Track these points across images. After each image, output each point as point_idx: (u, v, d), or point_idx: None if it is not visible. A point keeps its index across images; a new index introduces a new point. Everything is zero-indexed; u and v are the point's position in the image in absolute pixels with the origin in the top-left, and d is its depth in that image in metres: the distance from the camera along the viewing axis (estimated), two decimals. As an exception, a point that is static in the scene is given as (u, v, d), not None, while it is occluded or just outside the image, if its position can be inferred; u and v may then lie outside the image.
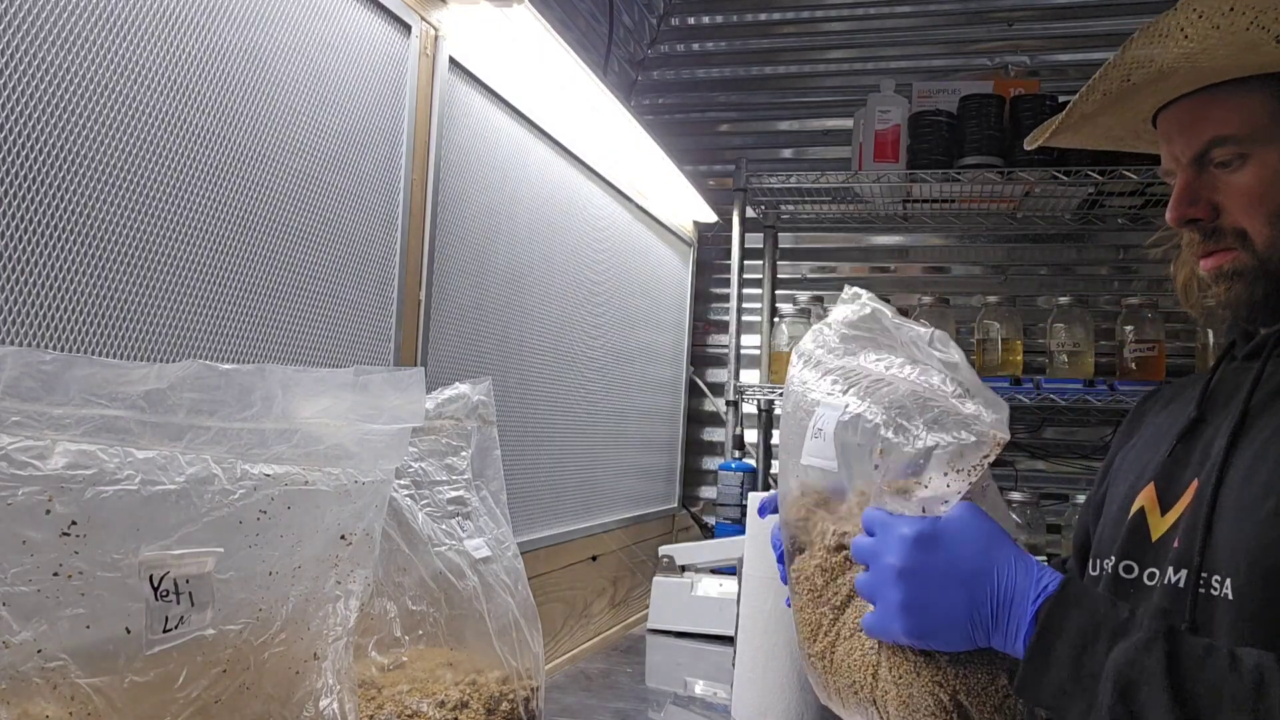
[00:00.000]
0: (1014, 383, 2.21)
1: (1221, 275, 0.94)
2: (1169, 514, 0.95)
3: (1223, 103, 0.93)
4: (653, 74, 2.81)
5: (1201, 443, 0.96)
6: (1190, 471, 0.95)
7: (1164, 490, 0.97)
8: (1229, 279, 0.94)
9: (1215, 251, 0.95)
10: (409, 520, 1.03)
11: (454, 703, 0.96)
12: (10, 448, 0.57)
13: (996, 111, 2.23)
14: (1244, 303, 0.94)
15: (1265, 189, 0.91)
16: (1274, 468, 0.86)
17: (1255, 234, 0.92)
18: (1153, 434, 1.06)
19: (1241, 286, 0.93)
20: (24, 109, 0.79)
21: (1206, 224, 0.95)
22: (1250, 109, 0.91)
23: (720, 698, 1.58)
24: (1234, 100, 0.92)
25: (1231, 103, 0.92)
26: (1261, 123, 0.91)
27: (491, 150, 1.54)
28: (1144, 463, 1.03)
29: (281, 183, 1.09)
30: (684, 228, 2.57)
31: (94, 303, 0.86)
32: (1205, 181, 0.95)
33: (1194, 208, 0.95)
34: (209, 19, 0.98)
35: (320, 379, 0.73)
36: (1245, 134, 0.91)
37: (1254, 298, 0.93)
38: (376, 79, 1.25)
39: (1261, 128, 0.91)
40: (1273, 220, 0.91)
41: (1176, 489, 0.96)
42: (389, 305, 1.28)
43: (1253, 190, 0.91)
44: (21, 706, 0.57)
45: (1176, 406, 1.06)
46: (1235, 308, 0.95)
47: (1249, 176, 0.92)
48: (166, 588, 0.63)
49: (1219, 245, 0.94)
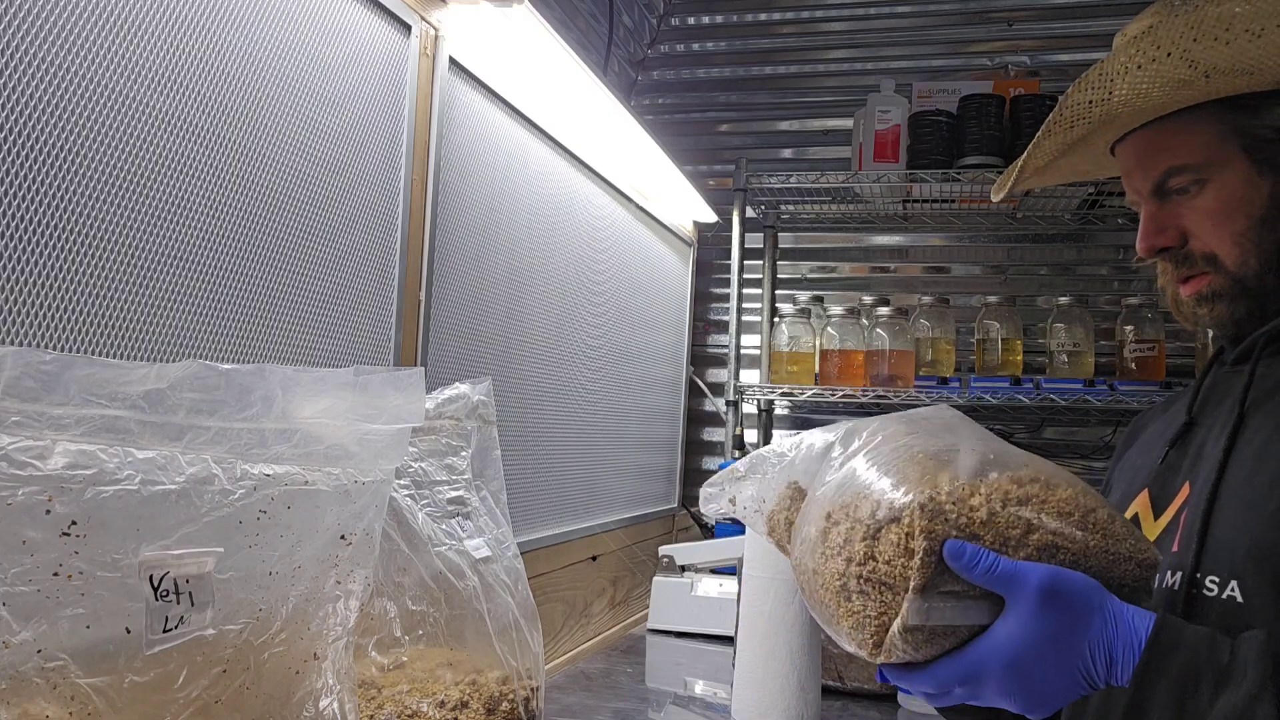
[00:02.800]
0: (1014, 383, 2.21)
1: (1202, 299, 0.95)
2: (1161, 518, 0.95)
3: (1172, 133, 0.93)
4: (653, 74, 2.81)
5: (1193, 447, 0.96)
6: (1182, 475, 0.95)
7: (1157, 496, 0.97)
8: (1209, 301, 0.94)
9: (1191, 277, 0.95)
10: (409, 520, 1.03)
11: (454, 703, 0.96)
12: (10, 448, 0.56)
13: (996, 111, 2.23)
14: (1229, 321, 0.94)
15: (1227, 210, 0.91)
16: (1277, 467, 0.85)
17: (1225, 255, 0.92)
18: (1146, 442, 1.07)
19: (1223, 307, 0.94)
20: (24, 109, 0.79)
21: (1177, 251, 0.95)
22: (1199, 136, 0.92)
23: (720, 698, 1.58)
24: (1183, 130, 0.93)
25: (1181, 133, 0.93)
26: (1212, 148, 0.91)
27: (491, 150, 1.54)
28: (1137, 470, 1.04)
29: (281, 183, 1.09)
30: (684, 228, 2.57)
31: (94, 303, 0.86)
32: (1169, 210, 0.95)
33: (1162, 236, 0.95)
34: (209, 19, 0.98)
35: (320, 379, 0.73)
36: (1199, 161, 0.92)
37: (1236, 315, 0.94)
38: (376, 79, 1.25)
39: (1213, 153, 0.91)
40: (1239, 240, 0.91)
41: (1169, 493, 0.95)
42: (389, 305, 1.28)
43: (1215, 212, 0.92)
44: (21, 706, 0.57)
45: (1170, 414, 1.06)
46: (1222, 327, 0.96)
47: (1209, 200, 0.92)
48: (166, 588, 0.63)
49: (1193, 271, 0.95)
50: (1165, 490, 0.96)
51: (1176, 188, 0.94)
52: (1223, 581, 0.86)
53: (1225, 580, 0.85)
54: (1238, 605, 0.84)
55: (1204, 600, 0.87)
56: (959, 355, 2.41)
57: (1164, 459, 0.99)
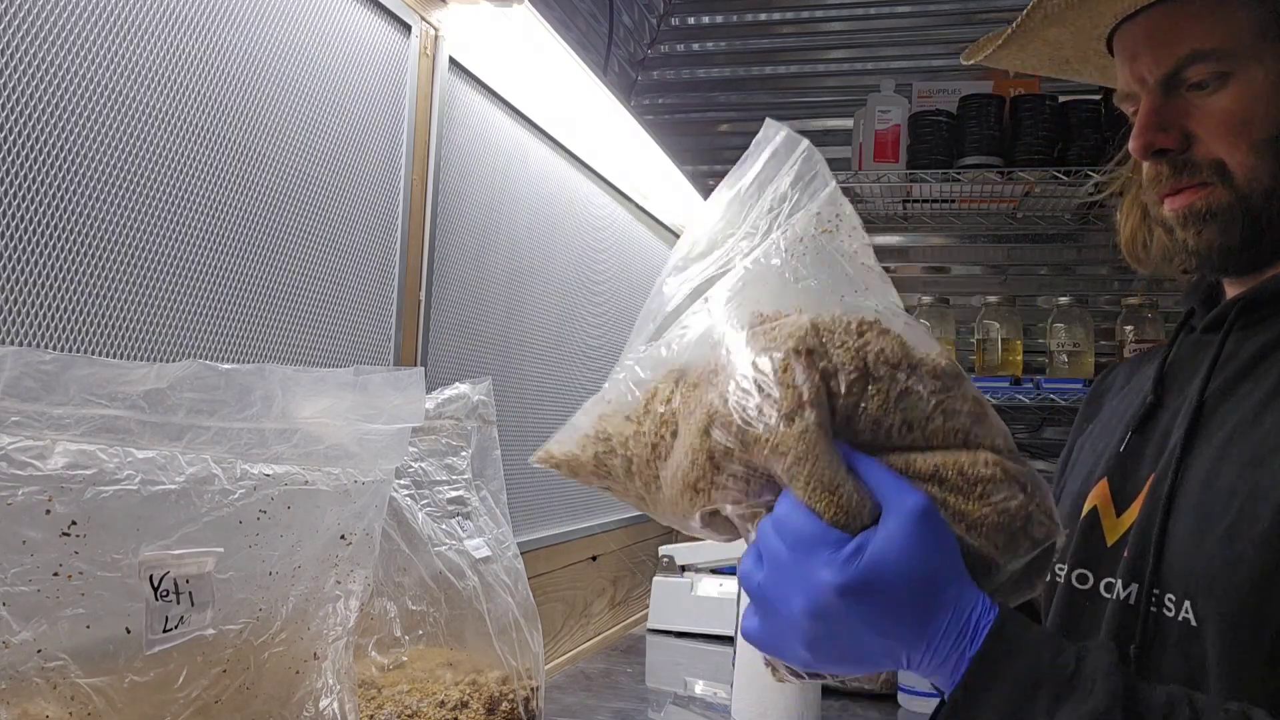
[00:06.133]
0: (1014, 383, 2.22)
1: (1192, 216, 0.80)
2: (1124, 515, 0.84)
3: (1200, 13, 0.79)
4: (653, 74, 2.81)
5: (1158, 431, 0.84)
6: (1145, 466, 0.84)
7: (1118, 488, 0.85)
8: (1200, 220, 0.80)
9: (1186, 188, 0.81)
10: (409, 520, 1.03)
11: (454, 703, 0.96)
12: (10, 448, 0.56)
13: (996, 111, 2.23)
14: (1217, 249, 0.81)
15: (1248, 113, 0.78)
16: (1239, 471, 0.74)
17: (1235, 165, 0.78)
18: (1108, 419, 0.94)
19: (1214, 230, 0.80)
20: (24, 109, 0.79)
21: (1177, 156, 0.81)
22: (1234, 20, 0.78)
23: (720, 698, 1.58)
24: (1214, 9, 0.78)
25: (1211, 12, 0.78)
26: (1245, 35, 0.77)
27: (491, 150, 1.54)
28: (1098, 454, 0.91)
29: (281, 183, 1.09)
30: (684, 228, 2.57)
31: (94, 303, 0.86)
32: (1176, 105, 0.81)
33: (1164, 135, 0.80)
34: (209, 19, 0.98)
35: (320, 379, 0.73)
36: (1228, 48, 0.78)
37: (1229, 243, 0.80)
38: (376, 79, 1.25)
39: (1245, 41, 0.77)
40: (1257, 150, 0.78)
41: (1132, 486, 0.84)
42: (389, 305, 1.28)
43: (1234, 115, 0.78)
44: (21, 706, 0.57)
45: (1133, 386, 0.94)
46: (1206, 256, 0.81)
47: (1229, 99, 0.78)
48: (166, 588, 0.63)
49: (1191, 180, 0.80)
50: (1127, 483, 0.85)
51: (1193, 80, 0.79)
52: (1178, 601, 0.75)
53: (1180, 599, 0.75)
54: (1192, 629, 0.74)
55: (1164, 621, 0.76)
56: (959, 355, 2.41)
57: (1125, 443, 0.86)
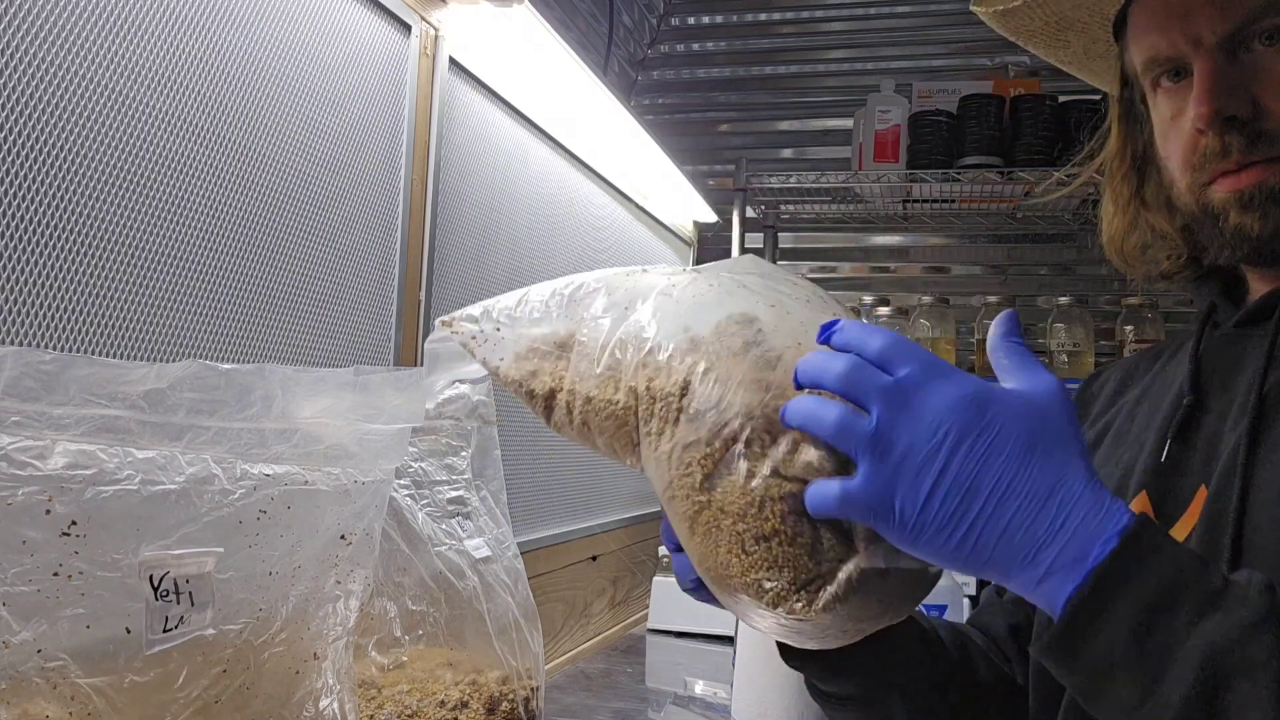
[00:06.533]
0: (1014, 383, 2.21)
1: (1256, 199, 0.69)
2: (1173, 531, 0.74)
3: None
4: (653, 74, 2.81)
5: (1203, 437, 0.75)
6: (1195, 476, 0.74)
7: (1160, 501, 0.76)
8: (1266, 204, 0.69)
9: (1252, 164, 0.69)
10: (409, 520, 1.03)
11: (454, 703, 0.96)
12: (10, 448, 0.56)
13: (996, 111, 2.23)
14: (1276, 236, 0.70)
15: None
16: None
17: None
18: (1124, 425, 0.85)
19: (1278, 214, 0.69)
20: (24, 109, 0.79)
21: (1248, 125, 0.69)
22: None
23: (720, 698, 1.58)
24: None
25: None
26: None
27: (491, 150, 1.54)
28: (1125, 466, 0.81)
29: (281, 183, 1.09)
30: (684, 228, 2.57)
31: (94, 303, 0.86)
32: (1243, 69, 0.70)
33: (1234, 100, 0.69)
34: (208, 19, 0.98)
35: (320, 379, 0.73)
36: None
37: None
38: (376, 79, 1.25)
39: None
40: None
41: (1179, 498, 0.75)
42: (389, 305, 1.28)
43: None
44: (21, 706, 0.57)
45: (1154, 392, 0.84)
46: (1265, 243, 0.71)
47: None
48: (166, 588, 0.63)
49: (1263, 154, 0.69)
50: (1173, 495, 0.76)
51: (1265, 31, 0.68)
52: None
53: None
54: None
55: None
56: (959, 355, 2.41)
57: (1165, 452, 0.77)
